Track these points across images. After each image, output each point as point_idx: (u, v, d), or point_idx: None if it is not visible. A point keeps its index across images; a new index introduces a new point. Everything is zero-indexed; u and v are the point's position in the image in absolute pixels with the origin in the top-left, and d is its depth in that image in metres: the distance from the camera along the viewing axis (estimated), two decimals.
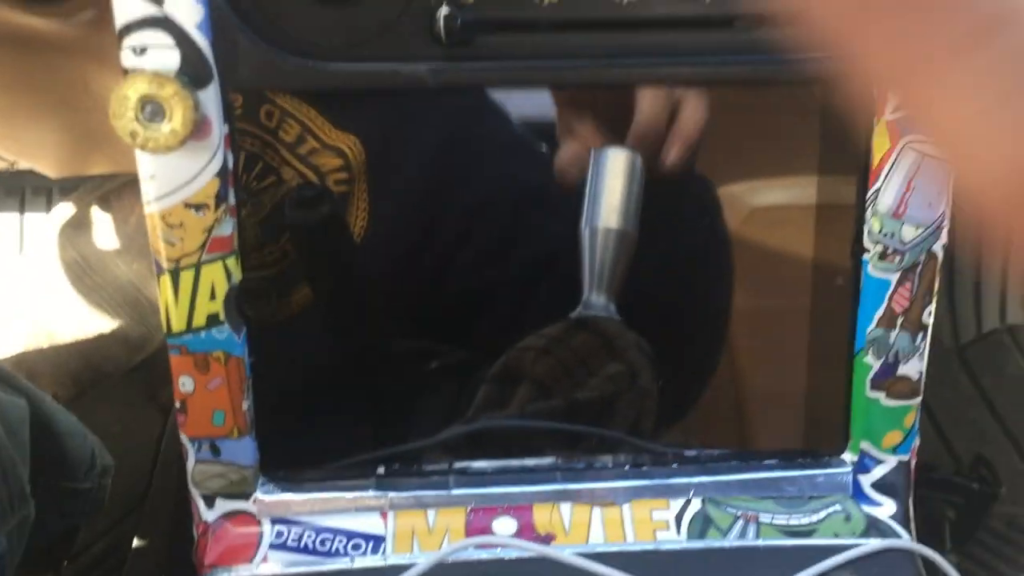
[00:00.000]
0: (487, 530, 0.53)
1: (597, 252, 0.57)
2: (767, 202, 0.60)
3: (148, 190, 0.48)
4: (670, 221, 0.59)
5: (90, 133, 0.75)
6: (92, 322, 1.00)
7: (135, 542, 0.98)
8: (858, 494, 0.55)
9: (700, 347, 0.63)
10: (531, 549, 0.51)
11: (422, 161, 0.58)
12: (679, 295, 0.61)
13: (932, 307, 0.53)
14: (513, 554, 0.52)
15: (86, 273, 0.99)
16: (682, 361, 0.62)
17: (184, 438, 0.52)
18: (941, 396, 1.35)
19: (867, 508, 0.55)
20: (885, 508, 0.55)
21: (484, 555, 0.52)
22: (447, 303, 0.60)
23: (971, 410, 1.34)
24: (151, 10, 0.45)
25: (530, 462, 0.56)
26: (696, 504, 0.54)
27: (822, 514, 0.55)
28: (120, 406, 1.10)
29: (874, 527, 0.54)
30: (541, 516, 0.54)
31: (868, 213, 0.51)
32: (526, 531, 0.53)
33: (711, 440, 0.60)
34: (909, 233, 0.51)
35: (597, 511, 0.54)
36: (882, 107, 0.49)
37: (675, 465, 0.55)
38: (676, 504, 0.54)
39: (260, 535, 0.53)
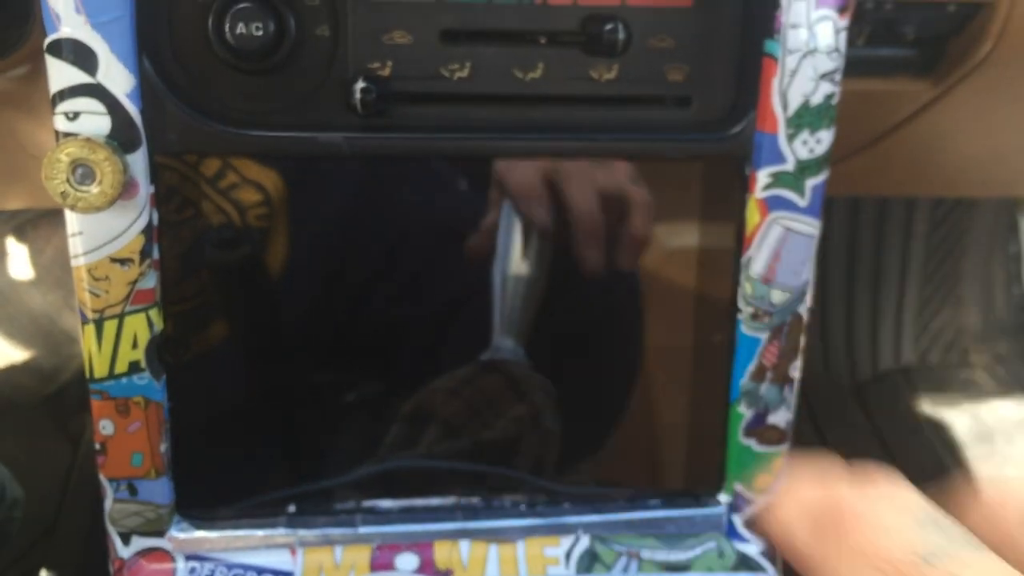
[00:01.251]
0: (390, 566, 0.56)
1: (507, 297, 0.60)
2: (675, 245, 0.63)
3: (76, 245, 0.50)
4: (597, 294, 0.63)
5: (10, 171, 0.77)
6: (4, 352, 1.00)
7: (43, 573, 0.98)
8: (731, 532, 0.60)
9: (617, 391, 0.67)
10: None
11: (341, 197, 0.59)
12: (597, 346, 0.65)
13: (798, 362, 0.58)
14: None
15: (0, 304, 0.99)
16: (598, 405, 0.65)
17: (103, 478, 0.54)
18: (837, 432, 1.43)
19: (739, 545, 0.60)
20: (755, 546, 0.60)
21: None
22: (364, 338, 0.61)
23: (867, 448, 1.42)
24: (84, 79, 0.48)
25: (433, 501, 0.59)
26: (585, 541, 0.59)
27: (698, 550, 0.59)
28: (29, 436, 1.10)
29: (744, 563, 0.59)
30: (441, 553, 0.57)
31: (742, 278, 0.56)
32: (427, 567, 0.57)
33: (603, 476, 0.63)
34: (777, 297, 0.56)
35: (494, 548, 0.58)
36: (753, 186, 0.54)
37: (567, 504, 0.60)
38: (567, 541, 0.59)
39: (174, 571, 0.55)
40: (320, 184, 0.58)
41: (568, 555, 0.58)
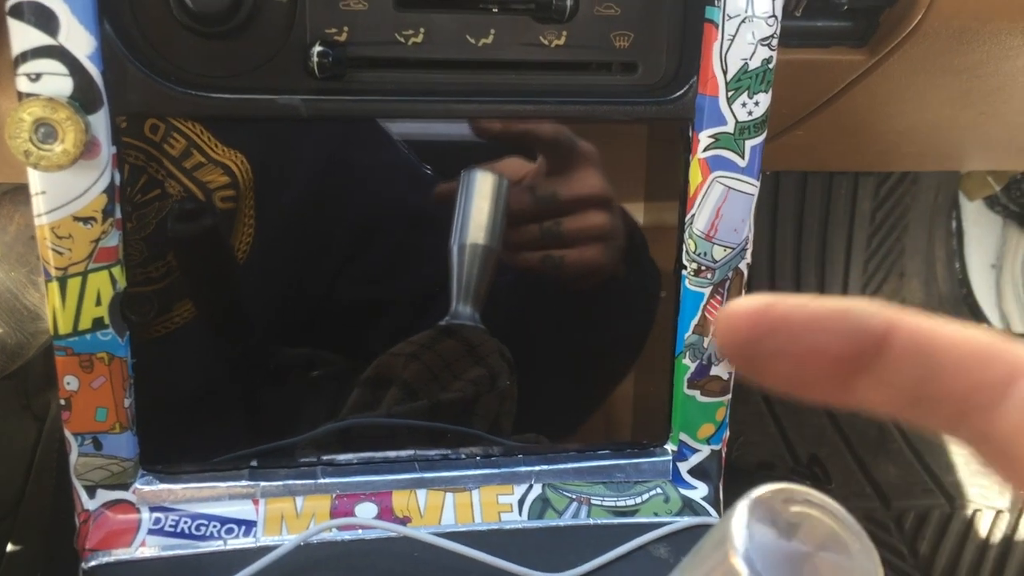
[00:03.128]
0: (350, 513, 0.58)
1: (464, 266, 0.62)
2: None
3: (39, 203, 0.51)
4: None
5: None
6: None
7: (9, 547, 0.98)
8: (676, 479, 0.63)
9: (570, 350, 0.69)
10: (389, 529, 0.57)
11: (308, 181, 0.60)
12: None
13: None
14: (373, 535, 0.57)
15: None
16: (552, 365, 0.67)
17: (68, 433, 0.55)
18: (786, 402, 1.47)
19: (684, 491, 0.63)
20: (699, 491, 0.63)
21: (347, 536, 0.57)
22: (333, 318, 0.63)
23: (812, 414, 1.46)
24: (46, 40, 0.49)
25: (391, 454, 0.61)
26: (537, 489, 0.61)
27: (645, 496, 0.62)
28: None
29: (688, 507, 0.62)
30: (399, 501, 0.59)
31: (686, 235, 0.59)
32: (385, 514, 0.59)
33: (557, 433, 0.66)
34: (719, 253, 0.59)
35: (450, 496, 0.60)
36: (695, 147, 0.57)
37: (520, 455, 0.62)
38: (520, 489, 0.61)
39: (139, 522, 0.57)
40: (285, 167, 0.59)
41: (521, 502, 0.61)
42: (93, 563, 0.55)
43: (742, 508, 0.27)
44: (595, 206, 0.61)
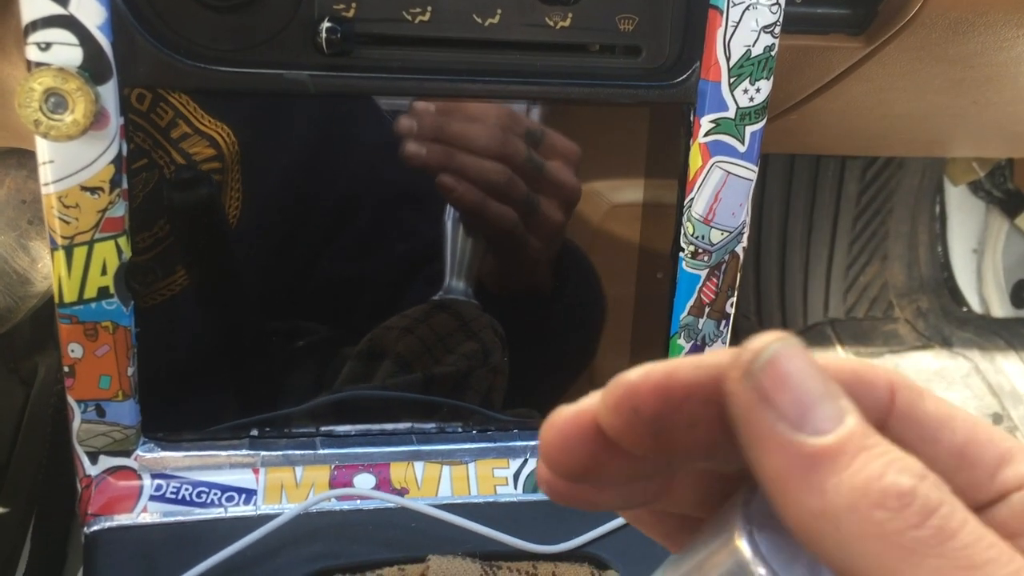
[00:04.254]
0: (348, 484, 0.59)
1: (458, 241, 0.63)
2: (625, 199, 0.66)
3: (46, 172, 0.52)
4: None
5: None
6: None
7: None
8: None
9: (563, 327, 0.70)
10: (387, 500, 0.58)
11: (294, 154, 0.60)
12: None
13: (734, 299, 0.63)
14: (371, 505, 0.58)
15: None
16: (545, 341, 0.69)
17: (71, 400, 0.56)
18: None
19: None
20: None
21: (346, 506, 0.58)
22: (319, 289, 0.63)
23: None
24: (57, 10, 0.49)
25: (389, 426, 0.62)
26: (532, 463, 0.63)
27: None
28: None
29: None
30: (397, 473, 0.61)
31: (684, 218, 0.60)
32: (383, 485, 0.60)
33: (548, 407, 0.67)
34: (716, 236, 0.60)
35: (447, 469, 0.61)
36: (696, 131, 0.58)
37: (515, 430, 0.63)
38: (515, 463, 0.62)
39: (141, 488, 0.58)
40: (272, 140, 0.59)
41: (516, 475, 0.62)
42: (96, 528, 0.56)
43: (746, 497, 0.28)
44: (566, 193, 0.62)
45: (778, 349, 0.21)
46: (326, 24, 0.53)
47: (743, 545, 0.25)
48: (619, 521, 0.59)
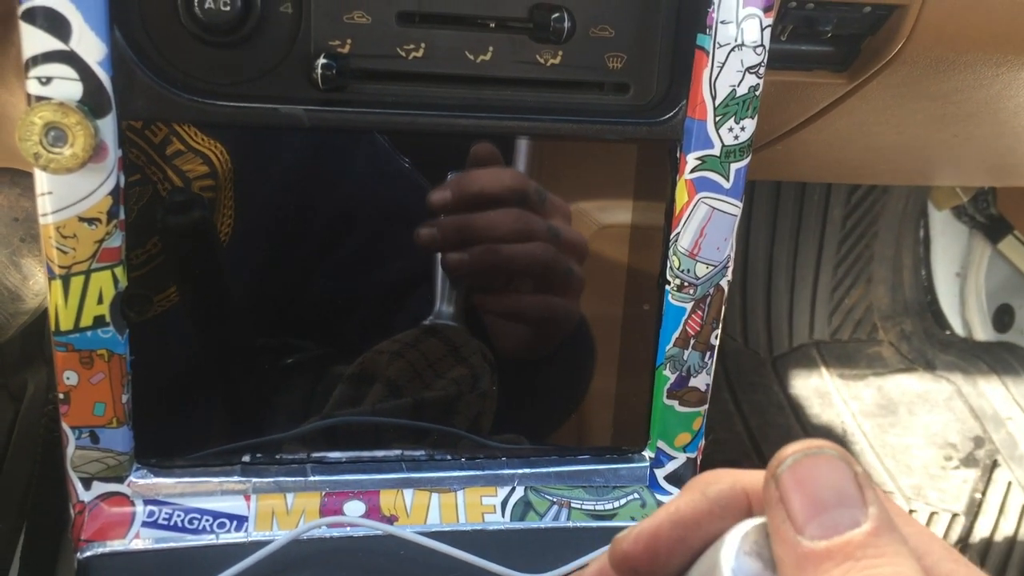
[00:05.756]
0: (339, 511, 0.60)
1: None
2: (613, 221, 0.67)
3: (44, 203, 0.53)
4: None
5: None
6: None
7: None
8: (653, 485, 0.66)
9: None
10: (377, 528, 0.59)
11: (287, 173, 0.61)
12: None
13: (719, 331, 0.64)
14: (361, 532, 0.59)
15: None
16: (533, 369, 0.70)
17: (65, 426, 0.57)
18: (754, 402, 1.51)
19: (660, 496, 0.66)
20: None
21: (336, 533, 0.59)
22: (309, 308, 0.64)
23: (779, 415, 1.50)
24: (58, 45, 0.50)
25: (379, 453, 0.63)
26: (519, 491, 0.64)
27: (623, 501, 0.65)
28: None
29: None
30: (387, 500, 0.61)
31: (670, 252, 0.61)
32: (373, 513, 0.61)
33: (536, 434, 0.67)
34: (701, 270, 0.61)
35: (435, 496, 0.62)
36: (683, 168, 0.59)
37: (504, 458, 0.64)
38: (503, 491, 0.63)
39: (133, 514, 0.58)
40: (265, 159, 0.60)
41: (504, 504, 0.63)
42: (88, 553, 0.57)
43: (731, 540, 0.29)
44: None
45: (798, 459, 0.26)
46: (322, 60, 0.55)
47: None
48: (604, 550, 0.60)
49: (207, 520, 0.59)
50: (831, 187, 1.44)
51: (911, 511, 1.35)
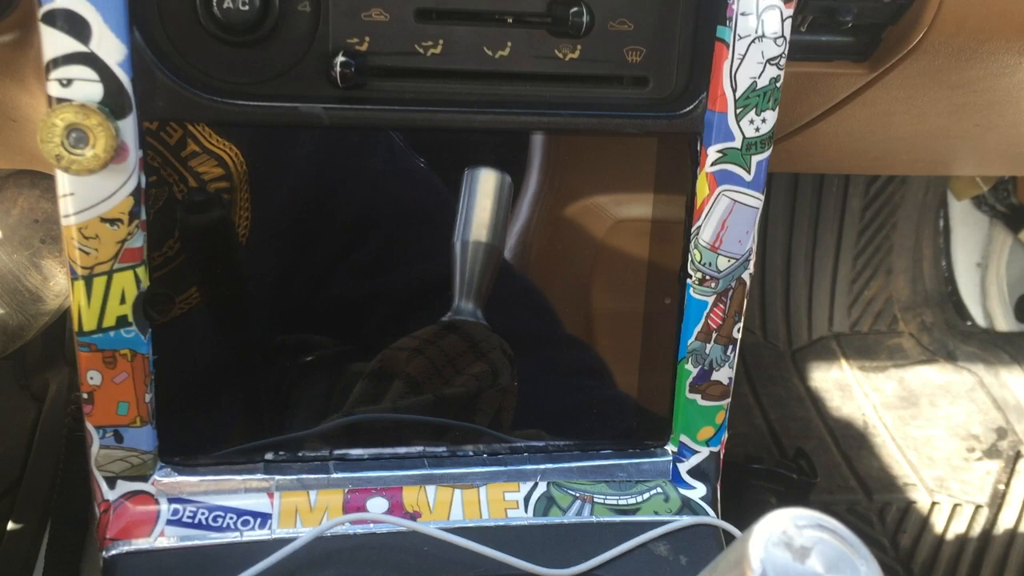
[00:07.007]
0: (362, 508, 0.60)
1: (467, 263, 0.64)
2: (629, 215, 0.67)
3: (67, 205, 0.53)
4: None
5: None
6: None
7: (10, 525, 1.00)
8: (676, 479, 0.66)
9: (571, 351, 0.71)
10: (400, 524, 0.59)
11: (302, 173, 0.61)
12: None
13: (740, 324, 0.63)
14: (384, 529, 0.59)
15: None
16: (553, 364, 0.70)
17: (89, 426, 0.57)
18: (774, 395, 1.50)
19: (683, 491, 0.65)
20: (697, 491, 0.65)
21: (359, 530, 0.59)
22: (329, 306, 0.64)
23: (798, 408, 1.49)
24: (78, 47, 0.50)
25: (401, 450, 0.63)
26: (542, 487, 0.63)
27: (646, 495, 0.64)
28: None
29: (687, 506, 0.65)
30: (409, 497, 0.62)
31: (691, 245, 0.61)
32: (396, 509, 0.61)
33: (557, 429, 0.67)
34: (723, 263, 0.61)
35: (458, 492, 0.62)
36: (703, 161, 0.59)
37: (526, 454, 0.64)
38: (525, 487, 0.63)
39: (158, 513, 0.59)
40: (280, 161, 0.60)
41: (527, 499, 0.63)
42: (114, 552, 0.57)
43: (759, 531, 0.29)
44: None
45: None
46: (340, 58, 0.55)
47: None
48: (627, 545, 0.60)
49: (231, 518, 0.59)
50: (849, 178, 1.43)
51: (934, 503, 1.34)
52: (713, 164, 0.59)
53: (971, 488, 1.35)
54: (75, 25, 0.50)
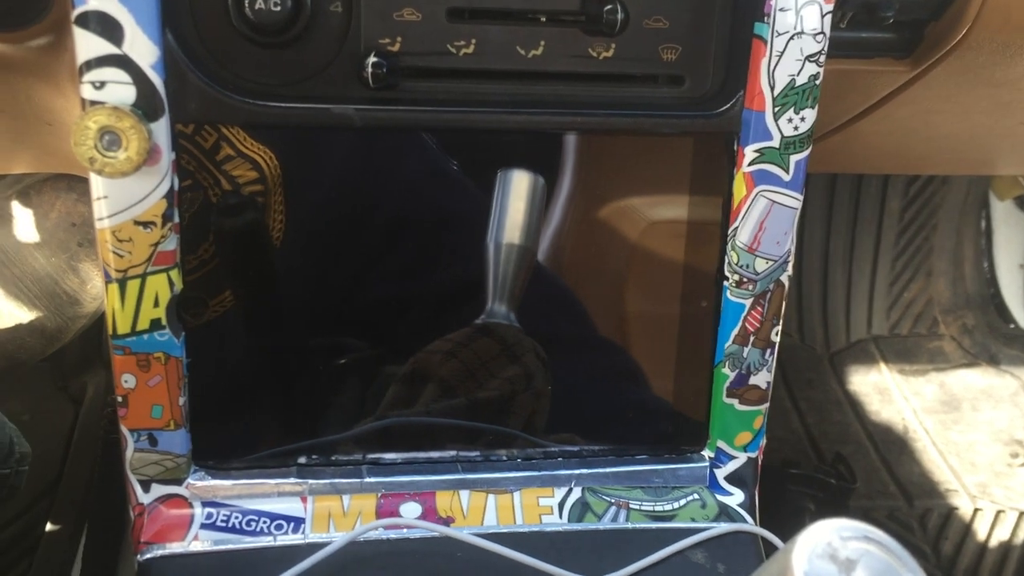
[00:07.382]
0: (395, 513, 0.60)
1: (500, 265, 0.63)
2: (663, 216, 0.66)
3: (100, 208, 0.53)
4: None
5: (20, 136, 0.78)
6: (10, 312, 1.02)
7: (48, 526, 1.01)
8: (713, 485, 0.64)
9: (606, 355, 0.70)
10: (433, 529, 0.58)
11: (337, 176, 0.61)
12: None
13: (779, 327, 0.62)
14: (417, 534, 0.59)
15: (5, 265, 1.01)
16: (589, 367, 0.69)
17: (124, 429, 0.57)
18: (811, 399, 1.48)
19: (720, 497, 0.64)
20: (735, 497, 0.64)
21: (392, 535, 0.59)
22: (362, 309, 0.64)
23: (837, 412, 1.47)
24: (111, 49, 0.50)
25: (434, 454, 0.63)
26: (577, 492, 0.63)
27: (683, 501, 0.63)
28: (30, 395, 1.12)
29: (725, 513, 0.63)
30: (443, 501, 0.61)
31: (728, 247, 0.60)
32: (429, 514, 0.60)
33: (593, 434, 0.66)
34: (761, 265, 0.60)
35: (492, 498, 0.62)
36: (740, 161, 0.58)
37: (560, 459, 0.63)
38: (560, 492, 0.62)
39: (192, 516, 0.59)
40: (314, 163, 0.60)
41: (561, 505, 0.62)
42: (148, 556, 0.57)
43: (803, 542, 0.28)
44: None
45: None
46: (372, 58, 0.54)
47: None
48: (664, 552, 0.59)
49: (264, 522, 0.59)
50: (888, 178, 1.41)
51: (976, 510, 1.32)
52: (750, 164, 0.58)
53: (1015, 494, 1.33)
54: (108, 27, 0.50)
